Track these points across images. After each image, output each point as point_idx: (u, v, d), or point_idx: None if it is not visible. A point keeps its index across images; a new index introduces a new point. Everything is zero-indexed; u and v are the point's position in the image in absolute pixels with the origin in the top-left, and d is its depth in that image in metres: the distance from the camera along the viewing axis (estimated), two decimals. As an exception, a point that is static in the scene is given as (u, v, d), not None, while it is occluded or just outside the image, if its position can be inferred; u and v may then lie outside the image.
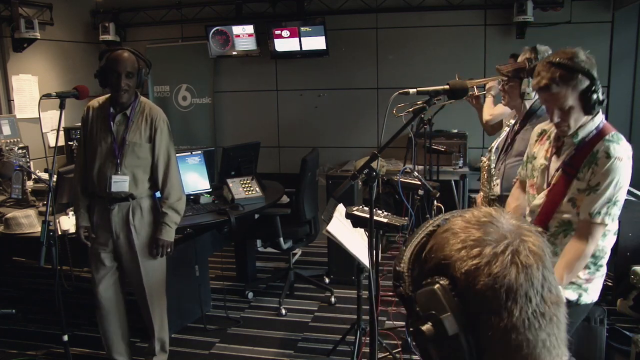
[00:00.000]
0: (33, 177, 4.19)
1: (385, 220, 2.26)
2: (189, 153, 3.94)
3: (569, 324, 2.18)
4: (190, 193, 3.83)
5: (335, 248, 3.54)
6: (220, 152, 4.18)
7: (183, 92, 6.08)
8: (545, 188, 2.04)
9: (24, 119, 5.04)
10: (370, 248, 1.98)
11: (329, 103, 5.72)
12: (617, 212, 1.90)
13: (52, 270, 2.48)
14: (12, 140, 4.73)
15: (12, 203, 3.89)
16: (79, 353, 3.33)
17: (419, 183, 2.85)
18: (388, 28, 5.44)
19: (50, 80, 5.42)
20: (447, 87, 1.80)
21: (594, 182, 1.87)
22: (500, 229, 0.77)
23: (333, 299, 4.10)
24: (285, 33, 5.43)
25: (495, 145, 2.86)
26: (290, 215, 4.02)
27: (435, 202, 3.74)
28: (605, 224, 1.89)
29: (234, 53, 5.71)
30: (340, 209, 2.76)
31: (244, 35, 5.61)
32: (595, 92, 1.83)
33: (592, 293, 2.03)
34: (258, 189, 3.91)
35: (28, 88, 5.21)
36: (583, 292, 2.01)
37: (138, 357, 3.25)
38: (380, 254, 2.49)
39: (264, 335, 3.62)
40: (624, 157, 1.87)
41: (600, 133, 1.92)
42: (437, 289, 0.75)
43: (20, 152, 4.62)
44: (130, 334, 3.13)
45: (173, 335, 3.56)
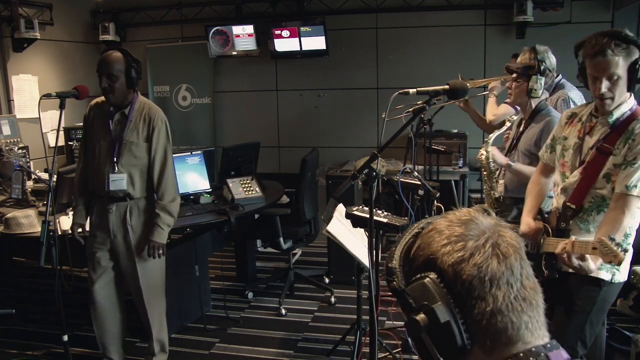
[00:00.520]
0: (33, 177, 4.19)
1: (385, 220, 2.26)
2: (189, 153, 3.94)
3: (606, 302, 2.08)
4: (190, 193, 3.83)
5: (335, 248, 3.54)
6: (220, 152, 4.18)
7: (183, 92, 6.08)
8: (578, 166, 2.07)
9: (24, 119, 5.04)
10: (370, 248, 1.97)
11: (329, 103, 5.72)
12: None
13: (52, 270, 2.48)
14: (12, 140, 4.73)
15: (12, 203, 3.89)
16: (79, 353, 3.33)
17: (419, 183, 2.85)
18: (388, 28, 5.44)
19: (50, 80, 5.42)
20: (447, 87, 1.80)
21: (631, 156, 1.92)
22: (480, 226, 0.86)
23: (333, 299, 4.10)
24: (285, 33, 5.43)
25: (494, 137, 2.86)
26: (290, 215, 4.02)
27: (435, 202, 3.74)
28: None
29: (234, 53, 5.71)
30: (340, 209, 2.76)
31: (244, 35, 5.61)
32: None
33: (623, 272, 2.07)
34: (258, 189, 3.91)
35: (28, 88, 5.21)
36: (616, 271, 2.04)
37: (138, 357, 3.26)
38: (380, 254, 2.49)
39: (264, 335, 3.62)
40: None
41: (634, 114, 1.98)
42: (427, 282, 0.84)
43: (20, 152, 4.62)
44: (127, 334, 3.12)
45: (173, 335, 3.56)
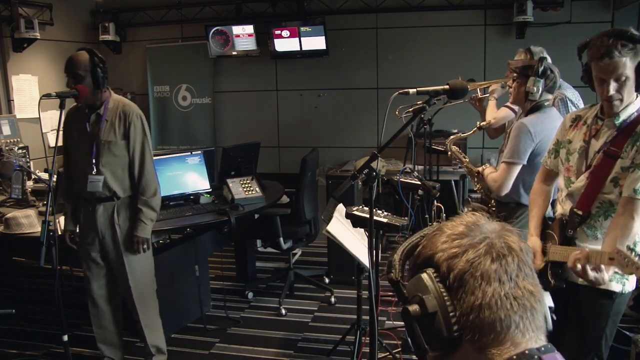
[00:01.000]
0: (33, 177, 4.18)
1: (385, 220, 2.26)
2: (189, 153, 3.94)
3: (618, 314, 2.05)
4: (190, 193, 3.84)
5: (335, 248, 3.54)
6: (220, 152, 4.18)
7: (183, 92, 6.08)
8: (585, 170, 2.02)
9: (24, 119, 5.04)
10: (370, 248, 1.98)
11: (329, 103, 5.71)
12: None
13: (52, 270, 2.48)
14: (12, 140, 4.73)
15: (12, 203, 3.89)
16: (79, 353, 3.33)
17: (419, 183, 2.85)
18: (388, 28, 5.44)
19: (50, 80, 5.41)
20: (447, 87, 1.80)
21: (639, 159, 1.87)
22: (483, 228, 0.90)
23: (333, 299, 4.10)
24: (285, 33, 5.43)
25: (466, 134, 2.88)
26: (290, 215, 4.02)
27: (435, 202, 3.73)
28: None
29: (234, 53, 5.71)
30: (340, 209, 2.76)
31: (244, 35, 5.61)
32: None
33: (632, 280, 2.03)
34: (258, 189, 3.91)
35: (28, 88, 5.21)
36: (626, 280, 2.01)
37: (138, 357, 3.26)
38: (380, 254, 2.49)
39: (264, 335, 3.62)
40: None
41: None
42: (423, 276, 0.89)
43: (20, 152, 4.62)
44: (126, 334, 3.12)
45: (173, 335, 3.57)
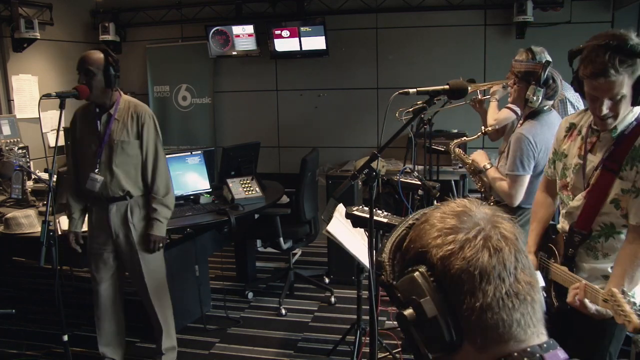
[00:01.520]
0: (33, 177, 4.19)
1: (385, 220, 2.26)
2: (189, 153, 3.94)
3: (623, 331, 1.89)
4: (190, 193, 3.83)
5: (335, 248, 3.54)
6: (220, 152, 4.18)
7: (183, 92, 6.08)
8: (583, 188, 1.86)
9: (24, 119, 5.04)
10: (370, 248, 1.97)
11: (329, 103, 5.71)
12: None
13: (52, 270, 2.48)
14: (12, 140, 4.73)
15: (12, 203, 3.89)
16: (79, 353, 3.33)
17: (419, 183, 2.85)
18: (388, 28, 5.44)
19: (50, 80, 5.41)
20: (447, 87, 1.79)
21: None
22: (474, 217, 0.82)
23: (333, 299, 4.10)
24: (285, 33, 5.43)
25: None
26: (290, 215, 4.02)
27: (435, 202, 3.73)
28: None
29: (234, 53, 5.71)
30: (340, 209, 2.76)
31: (244, 35, 5.61)
32: None
33: (637, 296, 1.84)
34: (258, 189, 3.91)
35: (28, 88, 5.21)
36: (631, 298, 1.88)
37: (138, 357, 3.26)
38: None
39: (264, 335, 3.62)
40: None
41: None
42: (416, 276, 0.81)
43: (20, 152, 4.62)
44: (127, 333, 3.13)
45: (173, 335, 3.57)
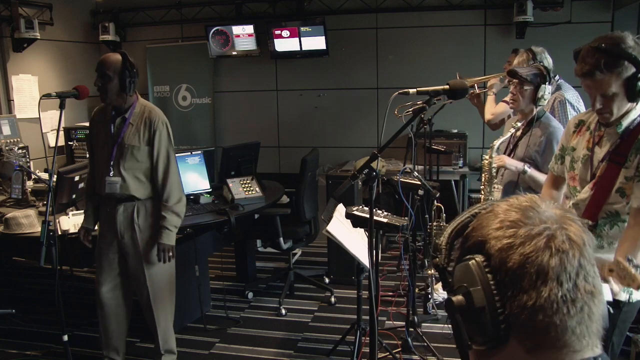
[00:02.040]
0: (33, 177, 4.18)
1: (385, 220, 2.26)
2: (189, 153, 3.94)
3: (626, 322, 2.00)
4: (190, 193, 3.83)
5: (335, 248, 3.54)
6: (220, 152, 4.18)
7: (183, 92, 6.08)
8: (590, 180, 1.95)
9: (24, 119, 5.04)
10: (370, 248, 1.98)
11: (329, 103, 5.72)
12: None
13: (52, 270, 2.48)
14: (12, 140, 4.73)
15: (12, 203, 3.88)
16: (79, 353, 3.32)
17: (419, 183, 2.85)
18: (388, 28, 5.44)
19: (50, 80, 5.42)
20: (447, 87, 1.80)
21: None
22: (541, 215, 0.79)
23: (333, 299, 4.10)
24: (285, 33, 5.43)
25: (497, 144, 2.76)
26: (290, 215, 4.02)
27: (435, 202, 3.73)
28: None
29: (234, 53, 5.71)
30: (340, 209, 2.76)
31: (244, 35, 5.61)
32: None
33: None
34: (258, 189, 3.91)
35: (28, 88, 5.21)
36: (632, 289, 1.94)
37: (138, 357, 3.26)
38: (380, 254, 2.49)
39: (264, 335, 3.62)
40: None
41: None
42: (471, 264, 0.80)
43: (20, 152, 4.62)
44: (129, 334, 3.12)
45: (173, 335, 3.57)
